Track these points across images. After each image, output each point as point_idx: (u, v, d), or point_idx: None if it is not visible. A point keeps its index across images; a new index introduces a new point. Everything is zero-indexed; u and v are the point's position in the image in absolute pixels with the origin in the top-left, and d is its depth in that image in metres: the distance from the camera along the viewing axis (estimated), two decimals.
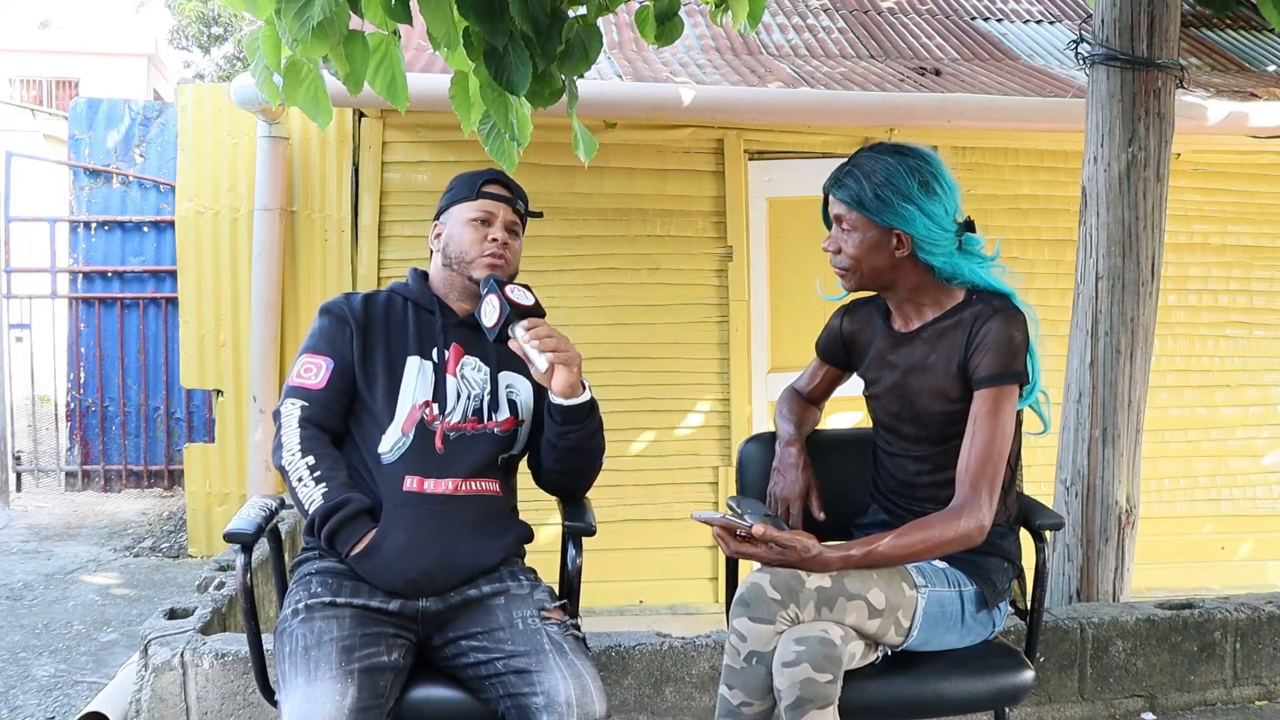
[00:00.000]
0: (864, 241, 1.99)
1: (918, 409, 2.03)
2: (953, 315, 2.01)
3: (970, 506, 1.87)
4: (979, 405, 1.92)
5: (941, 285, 2.03)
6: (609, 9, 2.79)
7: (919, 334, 2.04)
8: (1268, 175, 5.12)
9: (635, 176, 4.69)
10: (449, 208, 2.13)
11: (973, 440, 1.91)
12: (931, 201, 1.95)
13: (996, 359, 1.91)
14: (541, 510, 2.38)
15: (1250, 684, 2.92)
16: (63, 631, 3.77)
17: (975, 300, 2.00)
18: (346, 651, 1.78)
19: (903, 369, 2.05)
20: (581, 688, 1.79)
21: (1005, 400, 1.92)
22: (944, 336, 2.00)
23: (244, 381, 4.78)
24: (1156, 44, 3.08)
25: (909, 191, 1.95)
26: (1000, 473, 1.91)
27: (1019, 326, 1.94)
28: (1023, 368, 1.93)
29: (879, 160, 1.98)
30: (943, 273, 2.00)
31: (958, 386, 1.97)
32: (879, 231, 1.98)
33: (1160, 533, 4.76)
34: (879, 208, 1.96)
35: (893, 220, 1.96)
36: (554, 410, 2.01)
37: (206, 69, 17.94)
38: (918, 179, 1.95)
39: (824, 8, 5.82)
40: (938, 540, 1.87)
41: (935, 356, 2.00)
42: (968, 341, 1.96)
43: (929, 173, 1.97)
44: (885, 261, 2.00)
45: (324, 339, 2.05)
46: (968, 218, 2.04)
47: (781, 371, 4.71)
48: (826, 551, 1.87)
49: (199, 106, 4.82)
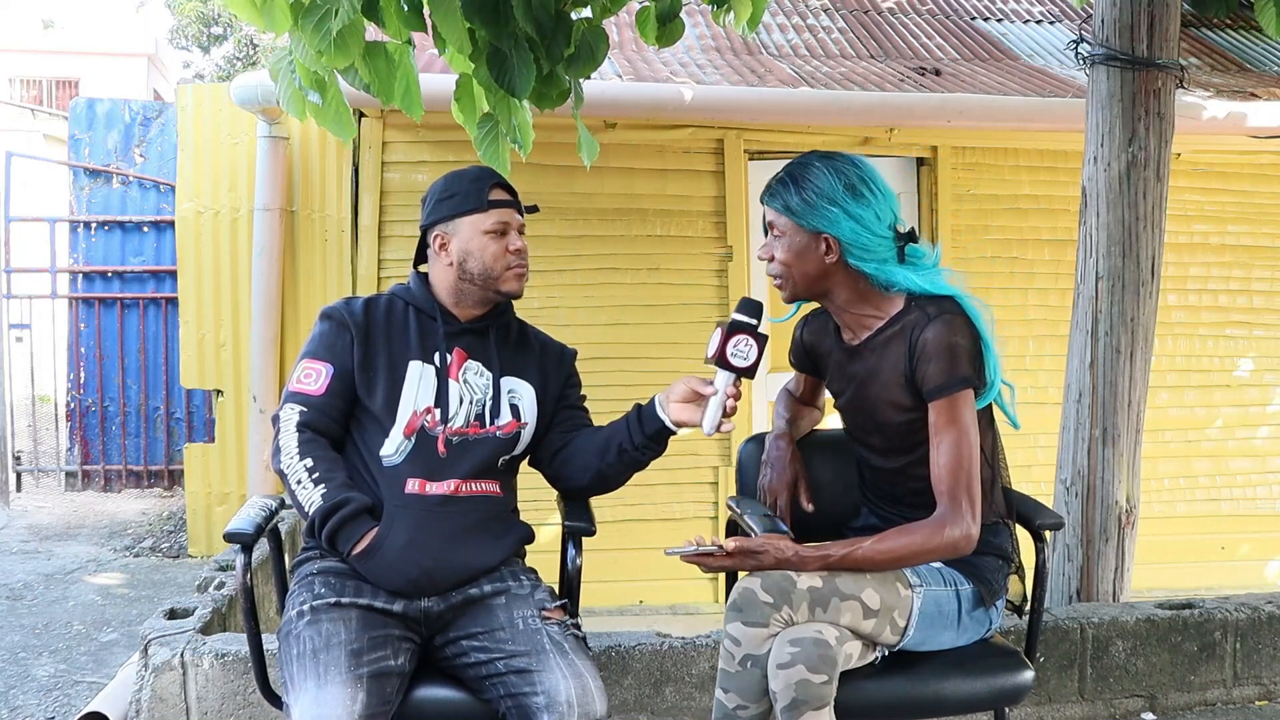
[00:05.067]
0: (792, 246, 1.99)
1: (878, 421, 2.02)
2: (895, 323, 1.98)
3: (952, 517, 1.87)
4: (935, 417, 1.91)
5: (881, 294, 2.00)
6: (613, 10, 2.79)
7: (867, 345, 2.03)
8: (1268, 175, 5.13)
9: (635, 176, 4.69)
10: (454, 217, 2.06)
11: (939, 452, 1.90)
12: (858, 205, 1.94)
13: (939, 368, 1.89)
14: (541, 510, 2.38)
15: (1250, 684, 2.92)
16: (63, 631, 3.77)
17: (914, 307, 1.97)
18: (355, 656, 1.78)
19: (858, 381, 2.05)
20: (582, 687, 1.79)
21: (959, 407, 1.89)
22: (889, 346, 1.98)
23: (244, 382, 4.78)
24: (1156, 44, 3.09)
25: (833, 194, 1.94)
26: (975, 478, 1.89)
27: (958, 330, 1.91)
28: (970, 371, 1.90)
29: (807, 167, 1.99)
30: (877, 280, 1.98)
31: (909, 396, 1.95)
32: (807, 236, 1.97)
33: (1160, 533, 4.76)
34: (805, 211, 1.96)
35: (819, 223, 1.95)
36: (655, 431, 2.04)
37: (206, 69, 17.93)
38: (843, 181, 1.95)
39: (824, 8, 5.82)
40: (920, 548, 1.87)
41: (883, 368, 1.99)
42: (909, 351, 1.94)
43: (856, 176, 1.96)
44: (815, 268, 1.98)
45: (324, 344, 2.05)
46: (911, 229, 2.02)
47: (781, 371, 4.71)
48: (803, 550, 1.87)
49: (199, 106, 4.82)
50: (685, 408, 2.00)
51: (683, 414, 2.00)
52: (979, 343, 1.93)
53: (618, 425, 2.09)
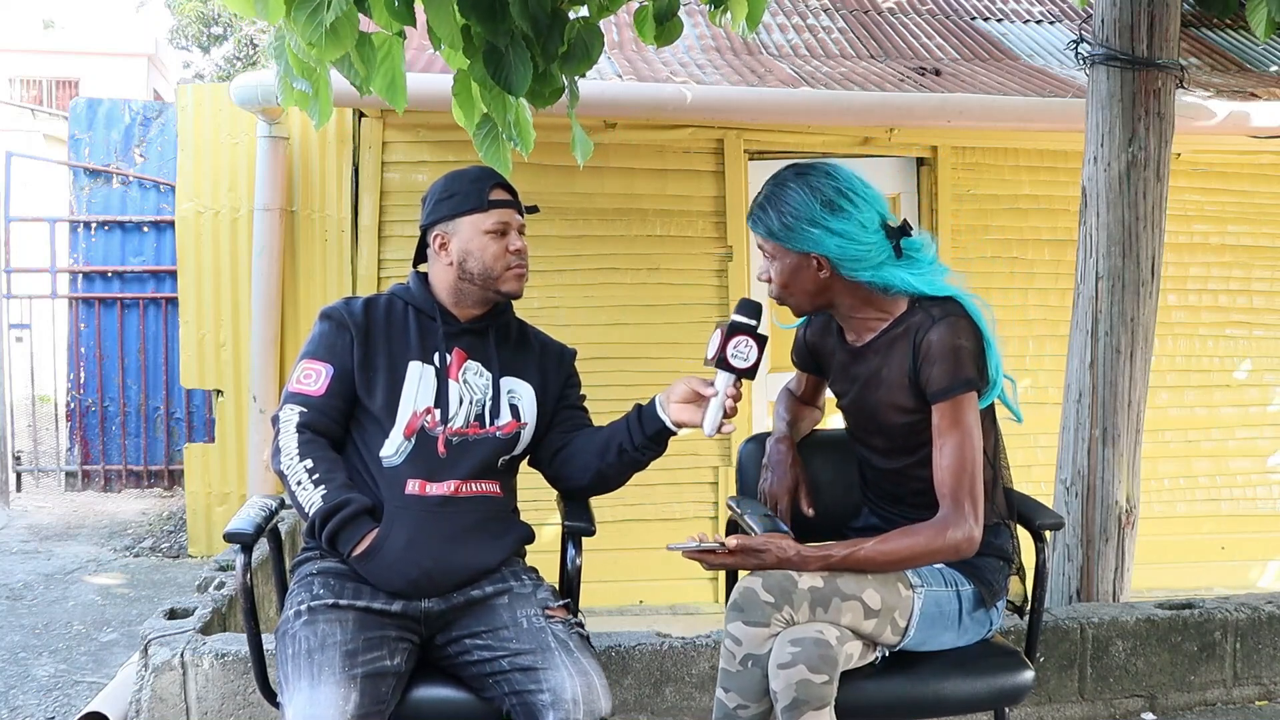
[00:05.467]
0: (785, 269, 1.98)
1: (881, 422, 2.02)
2: (899, 324, 1.98)
3: (954, 519, 1.87)
4: (938, 419, 1.91)
5: (883, 296, 2.00)
6: (610, 10, 2.78)
7: (871, 347, 2.03)
8: (1268, 175, 5.13)
9: (635, 176, 4.69)
10: (454, 217, 2.06)
11: (942, 453, 1.90)
12: (839, 219, 1.92)
13: (944, 370, 1.89)
14: (541, 510, 2.38)
15: (1250, 684, 2.92)
16: (63, 631, 3.77)
17: (917, 309, 1.97)
18: (350, 656, 1.78)
19: (860, 383, 2.04)
20: (587, 685, 1.79)
21: (964, 409, 1.90)
22: (893, 347, 1.98)
23: (244, 382, 4.78)
24: (1156, 44, 3.08)
25: (811, 214, 1.92)
26: (977, 480, 1.90)
27: (962, 332, 1.91)
28: (974, 372, 1.90)
29: (782, 187, 1.97)
30: (875, 285, 1.98)
31: (912, 398, 1.95)
32: (796, 257, 1.96)
33: (1160, 533, 4.76)
34: (788, 235, 1.95)
35: (804, 245, 1.94)
36: (656, 431, 2.04)
37: (206, 69, 17.92)
38: (819, 199, 1.93)
39: (824, 8, 5.82)
40: (923, 549, 1.87)
41: (887, 369, 1.99)
42: (913, 353, 1.94)
43: (833, 190, 1.94)
44: (812, 285, 1.98)
45: (323, 345, 2.04)
46: (904, 222, 2.00)
47: (781, 371, 4.70)
48: (805, 551, 1.88)
49: (199, 106, 4.82)
50: (686, 408, 2.00)
51: (683, 415, 2.01)
52: (982, 343, 1.93)
53: (618, 425, 2.09)
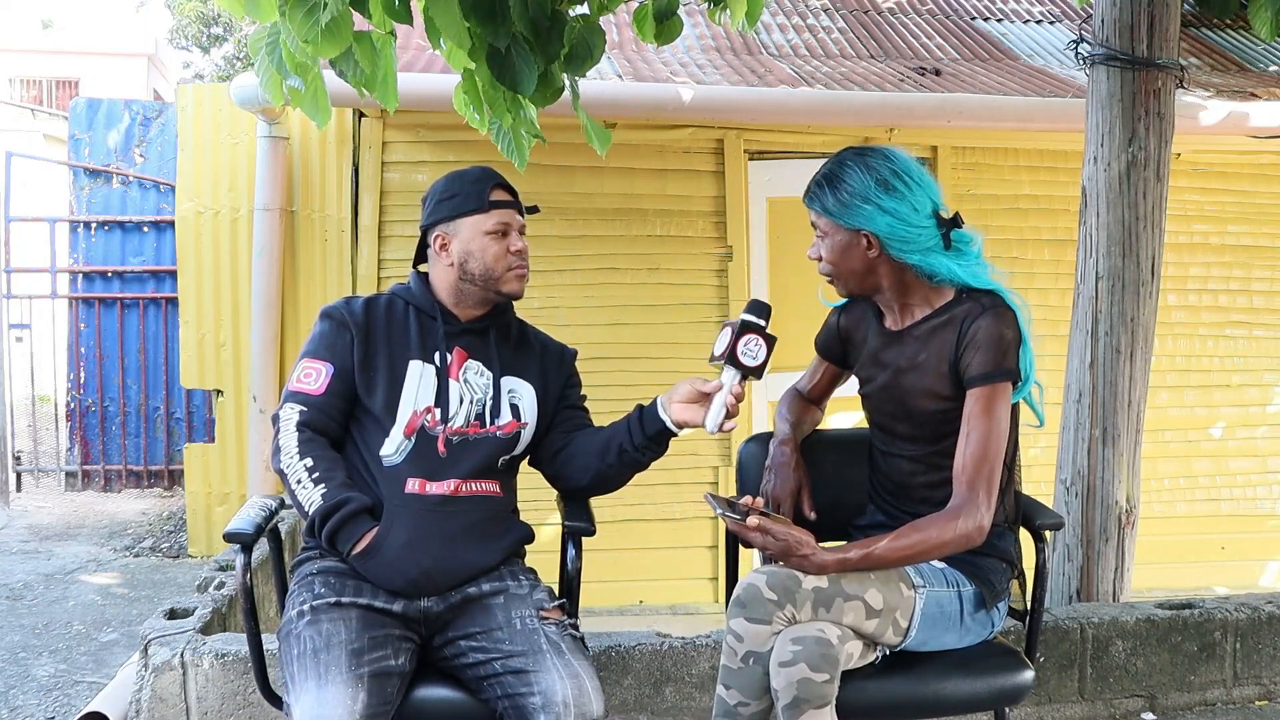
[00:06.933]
0: (836, 245, 2.01)
1: (910, 408, 2.03)
2: (943, 314, 2.01)
3: (968, 507, 1.88)
4: (972, 404, 1.93)
5: (928, 284, 2.02)
6: (610, 8, 2.78)
7: (910, 332, 2.05)
8: (1268, 175, 5.12)
9: (635, 176, 4.69)
10: (455, 218, 2.06)
11: (968, 440, 1.91)
12: (892, 199, 1.95)
13: (988, 357, 1.92)
14: (541, 510, 2.38)
15: (1250, 684, 2.92)
16: (63, 631, 3.77)
17: (965, 298, 2.00)
18: (356, 655, 1.78)
19: (894, 368, 2.05)
20: (579, 688, 1.79)
21: (998, 398, 1.92)
22: (935, 335, 2.00)
23: (244, 382, 4.78)
24: (1156, 44, 3.08)
25: (866, 191, 1.96)
26: (997, 472, 1.91)
27: (1009, 324, 1.94)
28: (1015, 365, 1.93)
29: (841, 165, 2.01)
30: (921, 270, 2.00)
31: (949, 385, 1.97)
32: (847, 234, 1.99)
33: (1160, 533, 4.76)
34: (841, 210, 1.98)
35: (856, 221, 1.97)
36: (657, 432, 2.04)
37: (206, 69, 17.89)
38: (874, 177, 1.96)
39: (824, 8, 5.82)
40: (936, 542, 1.87)
41: (926, 355, 2.00)
42: (958, 340, 1.96)
43: (888, 170, 1.97)
44: (860, 264, 2.01)
45: (324, 344, 2.04)
46: (955, 214, 2.03)
47: (781, 371, 4.69)
48: (823, 553, 1.87)
49: (199, 106, 4.82)
50: (688, 408, 2.01)
51: (685, 414, 2.01)
52: (1020, 339, 1.96)
53: (618, 426, 2.09)
